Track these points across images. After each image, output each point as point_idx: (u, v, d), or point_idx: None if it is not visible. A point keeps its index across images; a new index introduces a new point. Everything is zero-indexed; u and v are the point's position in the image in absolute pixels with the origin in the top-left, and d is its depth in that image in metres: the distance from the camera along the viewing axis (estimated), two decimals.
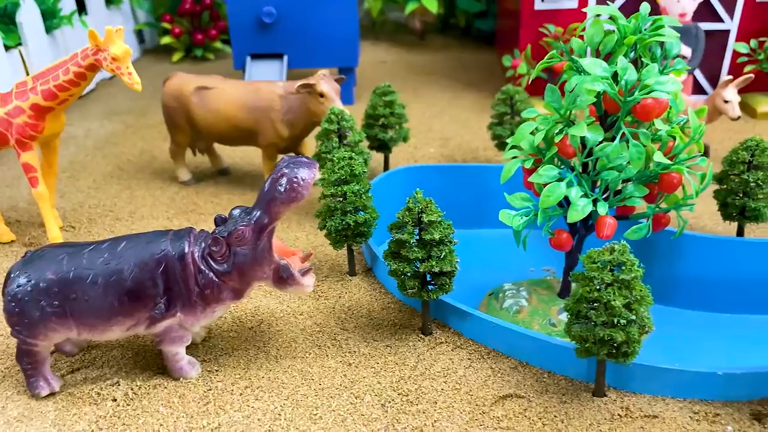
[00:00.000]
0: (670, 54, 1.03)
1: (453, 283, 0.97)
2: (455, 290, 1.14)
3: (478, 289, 1.18)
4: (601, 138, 0.96)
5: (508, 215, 0.99)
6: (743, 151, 1.13)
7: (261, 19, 1.95)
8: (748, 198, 1.13)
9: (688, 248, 1.18)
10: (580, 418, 0.84)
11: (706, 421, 0.83)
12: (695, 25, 1.79)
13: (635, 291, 0.79)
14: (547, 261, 1.29)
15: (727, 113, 1.44)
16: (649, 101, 0.94)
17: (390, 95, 1.46)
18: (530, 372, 0.92)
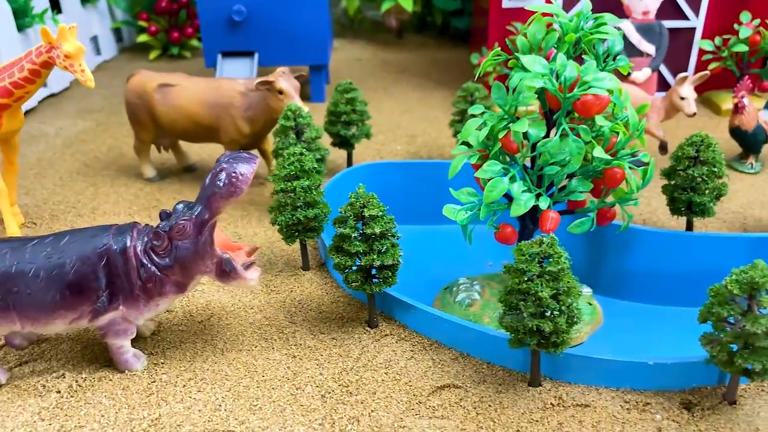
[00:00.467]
0: (612, 51, 1.05)
1: (397, 276, 0.99)
2: (414, 284, 1.16)
3: (436, 283, 1.19)
4: (543, 134, 0.98)
5: (452, 210, 1.01)
6: (688, 147, 1.15)
7: (231, 18, 1.96)
8: (693, 193, 1.15)
9: (639, 243, 1.20)
10: (513, 407, 0.86)
11: (636, 409, 0.85)
12: (659, 23, 1.81)
13: (563, 282, 0.81)
14: (506, 255, 1.30)
15: (683, 110, 1.46)
16: (589, 98, 0.96)
17: (352, 92, 1.48)
18: (470, 363, 0.94)
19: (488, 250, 1.27)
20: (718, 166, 1.13)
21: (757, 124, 1.50)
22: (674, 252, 1.18)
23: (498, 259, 1.30)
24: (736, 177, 1.52)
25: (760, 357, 0.78)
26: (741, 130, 1.50)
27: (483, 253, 1.28)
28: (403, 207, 1.39)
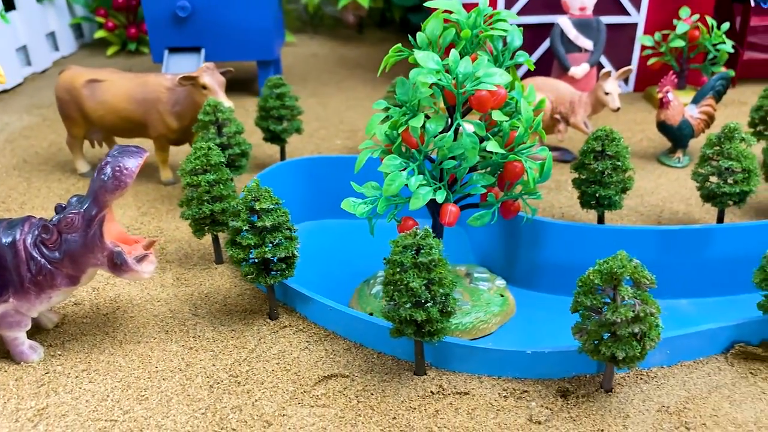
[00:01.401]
0: (511, 47, 1.07)
1: (294, 268, 1.00)
2: (339, 277, 1.17)
3: (361, 275, 1.21)
4: (440, 129, 0.99)
5: (351, 203, 1.02)
6: (594, 141, 1.17)
7: (176, 13, 1.97)
8: (599, 186, 1.17)
9: (551, 236, 1.22)
10: (395, 395, 0.88)
11: (513, 397, 0.87)
12: (596, 19, 1.83)
13: (435, 273, 0.83)
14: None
15: (608, 105, 1.48)
16: (484, 93, 0.98)
17: (281, 87, 1.49)
18: (362, 353, 0.96)
19: None
20: (622, 159, 1.15)
21: (683, 119, 1.52)
22: (585, 245, 1.20)
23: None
24: (662, 171, 1.55)
25: (623, 345, 0.80)
26: (667, 124, 1.53)
27: None
28: (334, 201, 1.41)
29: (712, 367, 0.92)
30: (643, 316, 0.78)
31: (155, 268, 0.95)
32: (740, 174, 1.16)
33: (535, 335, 1.08)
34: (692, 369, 0.92)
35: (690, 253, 1.17)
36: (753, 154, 1.17)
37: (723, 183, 1.17)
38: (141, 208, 1.40)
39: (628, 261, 0.78)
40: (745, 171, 1.16)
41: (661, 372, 0.92)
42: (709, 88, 1.54)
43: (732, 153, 1.15)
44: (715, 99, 1.55)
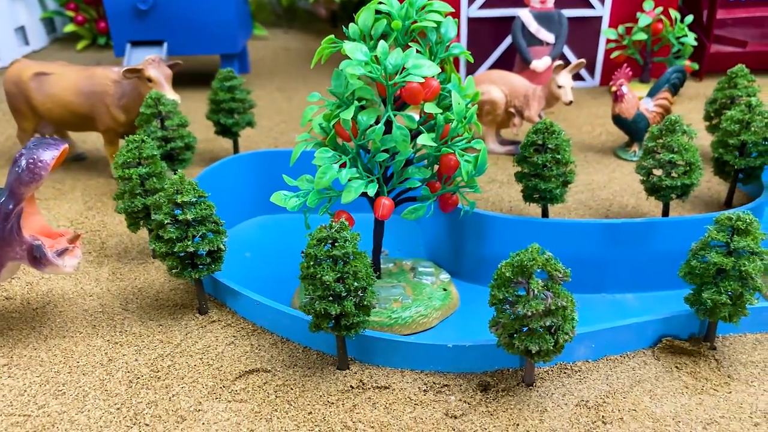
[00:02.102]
0: (446, 38, 1.05)
1: (221, 262, 0.99)
2: (288, 272, 1.15)
3: None
4: (371, 121, 0.98)
5: (281, 197, 1.01)
6: (534, 134, 1.15)
7: (137, 7, 1.95)
8: (540, 180, 1.16)
9: (495, 230, 1.21)
10: (314, 390, 0.87)
11: (433, 391, 0.86)
12: (558, 12, 1.82)
13: (349, 266, 0.82)
14: (403, 243, 1.32)
15: (560, 98, 1.47)
16: (415, 85, 0.97)
17: (231, 81, 1.48)
18: (288, 348, 0.95)
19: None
20: (562, 152, 1.14)
21: (638, 112, 1.51)
22: (529, 239, 1.19)
23: (393, 246, 1.31)
24: (618, 165, 1.54)
25: (536, 339, 0.79)
26: (621, 117, 1.51)
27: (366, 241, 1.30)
28: None
29: (638, 362, 0.91)
30: (554, 309, 0.77)
31: (79, 262, 0.94)
32: (682, 167, 1.15)
33: (476, 329, 1.07)
34: (617, 363, 0.91)
35: (634, 247, 1.16)
36: (695, 146, 1.16)
37: (665, 176, 1.16)
38: (88, 202, 1.39)
39: (539, 254, 0.77)
40: (687, 164, 1.15)
41: (585, 366, 0.91)
42: (664, 81, 1.53)
43: (673, 146, 1.14)
44: (671, 92, 1.54)
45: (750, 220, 0.85)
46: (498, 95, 1.52)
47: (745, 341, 0.95)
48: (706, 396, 0.85)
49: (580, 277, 1.20)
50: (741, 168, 1.24)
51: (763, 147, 1.21)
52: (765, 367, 0.90)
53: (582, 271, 1.21)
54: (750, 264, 0.84)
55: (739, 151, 1.23)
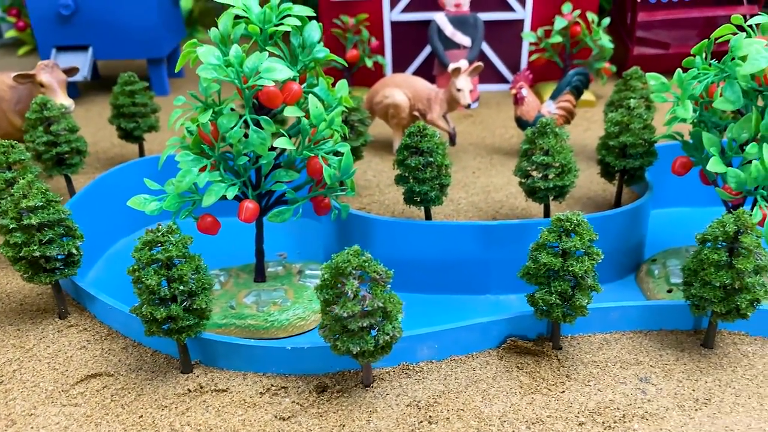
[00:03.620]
0: (308, 42, 1.06)
1: (77, 267, 1.00)
2: None
3: None
4: (231, 125, 0.99)
5: (140, 201, 1.01)
6: (408, 138, 1.16)
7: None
8: (415, 183, 1.17)
9: (380, 232, 1.21)
10: (152, 393, 0.87)
11: (269, 394, 0.87)
12: (473, 15, 1.83)
13: (174, 270, 0.82)
14: (303, 245, 1.34)
15: (459, 101, 1.48)
16: (272, 88, 0.98)
17: (132, 85, 1.48)
18: (138, 352, 0.95)
19: (283, 240, 1.34)
20: (435, 155, 1.15)
21: (538, 114, 1.52)
22: (412, 240, 1.20)
23: (295, 250, 1.32)
24: None
25: (356, 340, 0.79)
26: (523, 120, 1.53)
27: (279, 244, 1.33)
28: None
29: (481, 362, 0.92)
30: (372, 310, 0.78)
31: None
32: (554, 169, 1.16)
33: None
34: (460, 363, 0.92)
35: (512, 248, 1.17)
36: (569, 148, 1.17)
37: (539, 178, 1.17)
38: None
39: (355, 255, 0.78)
40: (560, 166, 1.16)
41: (428, 366, 0.91)
42: (565, 84, 1.54)
43: (545, 147, 1.15)
44: (573, 94, 1.55)
45: (578, 221, 0.85)
46: (401, 98, 1.53)
47: (593, 341, 0.96)
48: (538, 395, 0.86)
49: (463, 278, 1.22)
50: (622, 169, 1.25)
51: (643, 148, 1.23)
52: (605, 367, 0.91)
53: (465, 272, 1.22)
54: (577, 264, 0.84)
55: (620, 153, 1.25)
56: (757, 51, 0.96)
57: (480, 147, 1.65)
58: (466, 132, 1.75)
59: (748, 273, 0.84)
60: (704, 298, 0.87)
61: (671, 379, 0.88)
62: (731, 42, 1.01)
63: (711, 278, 0.86)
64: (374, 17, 1.96)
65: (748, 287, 0.85)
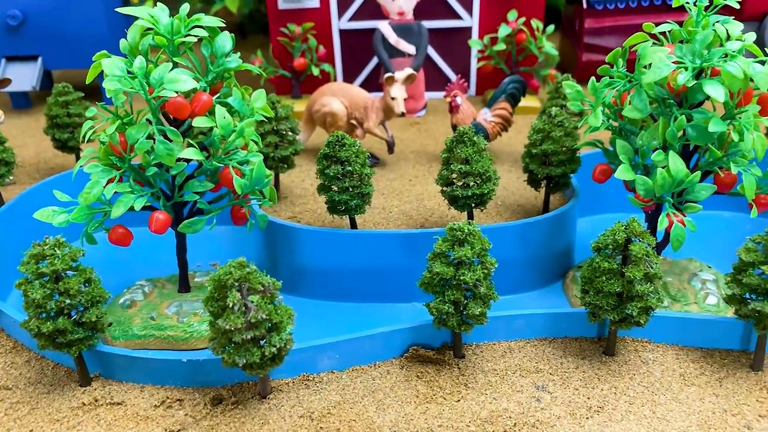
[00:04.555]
0: (220, 52, 1.06)
1: None
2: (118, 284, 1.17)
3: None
4: (139, 136, 0.99)
5: (47, 213, 1.01)
6: (326, 147, 1.16)
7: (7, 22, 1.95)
8: (334, 192, 1.17)
9: (304, 241, 1.21)
10: (46, 407, 0.87)
11: (164, 406, 0.87)
12: (417, 23, 1.84)
13: (61, 283, 0.82)
14: (218, 256, 1.34)
15: (393, 109, 1.48)
16: (179, 99, 0.98)
17: (67, 96, 1.48)
18: (40, 365, 0.95)
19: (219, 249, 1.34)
20: (353, 164, 1.15)
21: (474, 122, 1.52)
22: (337, 249, 1.20)
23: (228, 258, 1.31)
24: None
25: (242, 352, 0.79)
26: (459, 128, 1.53)
27: (214, 253, 1.33)
28: None
29: (382, 371, 0.92)
30: (256, 322, 0.78)
31: None
32: (472, 177, 1.16)
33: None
34: (361, 373, 0.92)
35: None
36: (488, 156, 1.17)
37: (457, 187, 1.18)
38: None
39: (238, 267, 0.78)
40: (478, 174, 1.17)
41: (329, 377, 0.91)
42: (500, 91, 1.55)
43: (462, 156, 1.16)
44: (509, 102, 1.56)
45: (469, 230, 0.86)
46: (338, 107, 1.54)
47: (497, 349, 0.96)
48: (433, 405, 0.86)
49: (389, 286, 1.22)
50: (547, 176, 1.26)
51: (565, 156, 1.23)
52: (504, 375, 0.91)
53: (390, 280, 1.23)
54: (469, 273, 0.85)
55: (543, 161, 1.25)
56: (660, 59, 0.97)
57: (421, 155, 1.65)
58: (410, 140, 1.76)
59: (639, 281, 0.85)
60: (598, 305, 0.88)
61: (568, 387, 0.88)
62: (638, 50, 1.02)
63: (603, 286, 0.86)
64: (323, 26, 1.97)
65: (639, 295, 0.85)
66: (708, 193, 1.00)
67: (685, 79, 0.95)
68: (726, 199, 1.35)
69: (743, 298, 0.86)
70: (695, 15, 1.02)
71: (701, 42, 0.97)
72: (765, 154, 1.00)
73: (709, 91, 0.93)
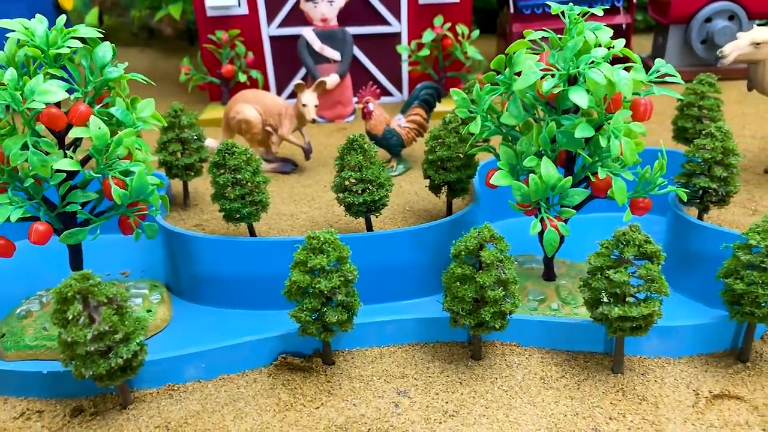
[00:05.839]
0: (100, 63, 1.06)
1: None
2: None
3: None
4: (15, 147, 0.99)
5: None
6: (216, 155, 1.17)
7: None
8: (225, 200, 1.17)
9: (202, 249, 1.22)
10: None
11: (23, 418, 0.87)
12: (342, 30, 1.85)
13: None
14: (129, 264, 1.34)
15: (305, 116, 1.49)
16: (53, 110, 0.98)
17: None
18: None
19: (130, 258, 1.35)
20: (243, 173, 1.15)
21: (387, 128, 1.53)
22: (235, 257, 1.20)
23: (139, 268, 1.32)
24: None
25: (87, 364, 0.80)
26: (372, 134, 1.54)
27: (125, 262, 1.34)
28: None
29: (248, 380, 0.93)
30: (98, 333, 0.78)
31: None
32: (362, 184, 1.17)
33: (175, 349, 1.06)
34: (228, 382, 0.93)
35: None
36: (379, 162, 1.18)
37: (350, 194, 1.18)
38: None
39: (80, 280, 0.79)
40: (369, 181, 1.17)
41: (194, 386, 0.92)
42: (413, 98, 1.56)
43: (352, 163, 1.17)
44: (423, 108, 1.57)
45: (325, 239, 0.87)
46: (252, 114, 1.54)
47: (368, 355, 0.97)
48: (292, 412, 0.87)
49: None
50: (444, 182, 1.27)
51: (460, 161, 1.24)
52: (369, 381, 0.92)
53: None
54: (324, 282, 0.86)
55: (440, 166, 1.26)
56: (529, 67, 0.99)
57: None
58: (334, 145, 1.76)
59: (491, 286, 0.86)
60: (455, 311, 0.89)
61: (429, 392, 0.89)
62: (513, 58, 1.04)
63: (457, 292, 0.87)
64: (252, 32, 1.97)
65: (493, 300, 0.86)
66: (581, 198, 1.02)
67: (550, 86, 0.96)
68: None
69: (595, 302, 0.87)
70: (568, 23, 1.04)
71: (571, 49, 0.99)
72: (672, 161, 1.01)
73: (574, 97, 0.95)
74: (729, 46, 1.24)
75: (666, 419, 0.83)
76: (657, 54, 2.16)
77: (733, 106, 1.86)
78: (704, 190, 1.17)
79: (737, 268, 0.86)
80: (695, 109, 1.43)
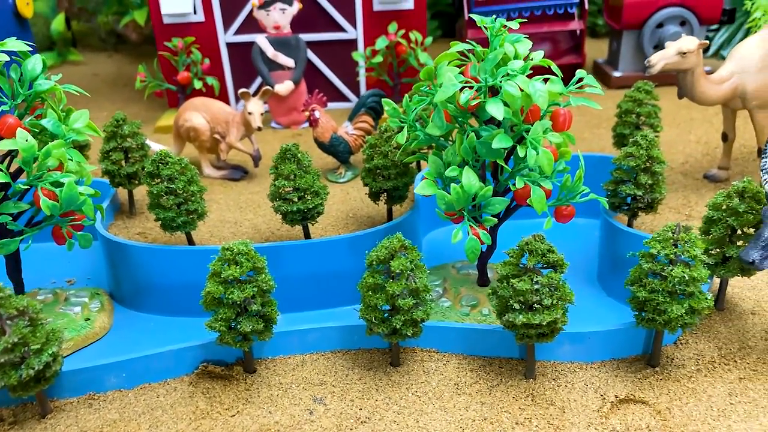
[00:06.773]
0: (30, 75, 1.08)
1: None
2: None
3: None
4: None
5: None
6: (150, 164, 1.18)
7: None
8: (160, 209, 1.19)
9: (142, 258, 1.23)
10: None
11: None
12: (295, 37, 1.87)
13: None
14: (75, 273, 1.35)
15: (251, 124, 1.51)
16: None
17: None
18: None
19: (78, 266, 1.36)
20: (176, 183, 1.17)
21: (333, 136, 1.55)
22: (174, 265, 1.22)
23: (84, 275, 1.34)
24: (332, 187, 1.56)
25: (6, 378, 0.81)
26: (319, 141, 1.56)
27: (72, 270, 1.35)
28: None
29: (169, 388, 0.95)
30: (8, 345, 0.80)
31: None
32: (296, 193, 1.19)
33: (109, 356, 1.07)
34: (149, 391, 0.94)
35: (276, 270, 1.18)
36: (313, 171, 1.20)
37: (284, 202, 1.20)
38: None
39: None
40: (302, 190, 1.19)
41: (115, 395, 0.93)
42: (359, 105, 1.58)
43: (286, 172, 1.19)
44: (370, 115, 1.59)
45: (238, 251, 0.89)
46: (199, 122, 1.56)
47: (290, 363, 0.99)
48: (207, 421, 0.88)
49: None
50: (382, 190, 1.29)
51: (396, 170, 1.26)
52: (288, 389, 0.94)
53: None
54: (236, 292, 0.87)
55: (378, 175, 1.28)
56: (449, 79, 1.01)
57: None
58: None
59: (401, 295, 0.88)
60: (368, 319, 0.91)
61: (345, 399, 0.91)
62: (437, 70, 1.05)
63: (370, 300, 0.89)
64: (209, 39, 1.99)
65: (404, 308, 0.88)
66: (502, 206, 1.04)
67: (466, 98, 0.98)
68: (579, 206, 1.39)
69: (503, 309, 0.90)
70: (489, 35, 1.06)
71: (491, 61, 1.01)
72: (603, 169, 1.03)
73: (490, 109, 0.97)
74: (656, 55, 1.26)
75: (570, 423, 0.85)
76: (612, 59, 2.19)
77: (681, 111, 1.89)
78: (632, 197, 1.20)
79: (640, 276, 0.89)
80: (633, 117, 1.46)
